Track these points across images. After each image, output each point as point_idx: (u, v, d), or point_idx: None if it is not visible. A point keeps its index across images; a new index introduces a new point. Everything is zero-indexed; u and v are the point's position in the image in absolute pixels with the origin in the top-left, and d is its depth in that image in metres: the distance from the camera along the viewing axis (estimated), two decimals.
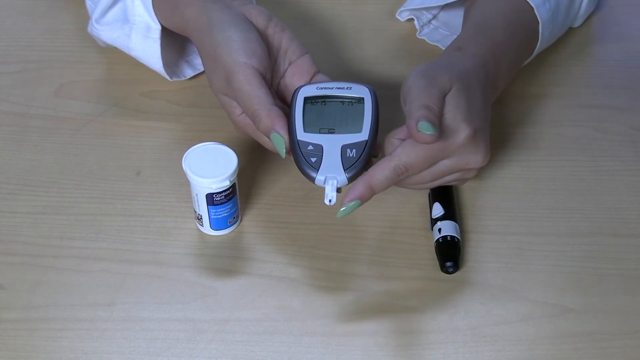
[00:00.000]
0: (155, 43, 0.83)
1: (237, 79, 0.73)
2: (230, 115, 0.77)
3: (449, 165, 0.72)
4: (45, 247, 0.75)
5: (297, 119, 0.72)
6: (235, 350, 0.68)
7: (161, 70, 0.85)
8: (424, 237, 0.76)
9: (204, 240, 0.76)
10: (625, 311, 0.71)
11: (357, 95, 0.73)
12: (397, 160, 0.70)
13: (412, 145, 0.70)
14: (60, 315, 0.70)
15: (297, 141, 0.71)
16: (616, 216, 0.78)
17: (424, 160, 0.70)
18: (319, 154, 0.70)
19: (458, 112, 0.71)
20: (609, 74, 0.92)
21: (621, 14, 0.99)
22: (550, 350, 0.69)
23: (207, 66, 0.78)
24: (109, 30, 0.85)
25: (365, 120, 0.72)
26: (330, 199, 0.69)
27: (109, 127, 0.85)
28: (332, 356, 0.68)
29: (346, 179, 0.69)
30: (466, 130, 0.70)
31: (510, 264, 0.74)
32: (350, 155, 0.70)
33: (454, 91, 0.71)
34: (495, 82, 0.78)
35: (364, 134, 0.71)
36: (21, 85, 0.89)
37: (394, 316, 0.70)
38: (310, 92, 0.74)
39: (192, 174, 0.72)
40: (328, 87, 0.74)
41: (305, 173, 0.70)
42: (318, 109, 0.73)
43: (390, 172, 0.70)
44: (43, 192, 0.79)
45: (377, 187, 0.70)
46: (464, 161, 0.72)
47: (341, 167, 0.70)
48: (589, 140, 0.85)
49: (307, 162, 0.70)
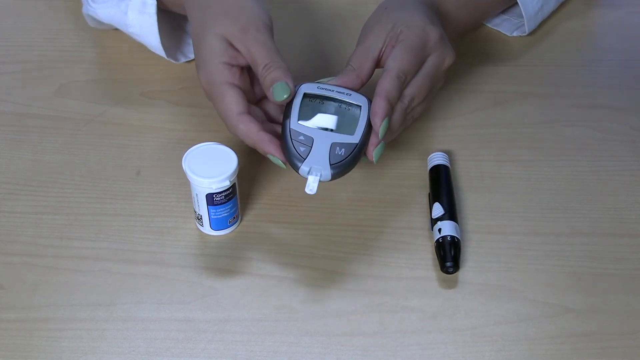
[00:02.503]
0: (151, 18, 0.84)
1: (260, 29, 0.76)
2: (225, 110, 0.75)
3: (433, 64, 0.77)
4: (45, 247, 0.75)
5: (293, 109, 0.73)
6: (235, 350, 0.68)
7: (159, 46, 0.86)
8: (424, 237, 0.76)
9: (204, 240, 0.76)
10: (625, 311, 0.71)
11: (355, 102, 0.74)
12: (394, 69, 0.74)
13: (398, 53, 0.75)
14: (60, 315, 0.70)
15: (289, 129, 0.72)
16: (616, 216, 0.78)
17: (414, 60, 0.76)
18: (308, 146, 0.71)
19: (424, 20, 0.78)
20: (609, 74, 0.92)
21: (621, 14, 0.99)
22: (550, 350, 0.69)
23: (205, 33, 0.77)
24: (105, 8, 0.86)
25: (359, 126, 0.73)
26: (312, 188, 0.70)
27: (109, 127, 0.85)
28: (332, 356, 0.68)
29: (330, 175, 0.71)
30: (435, 30, 0.78)
31: (510, 264, 0.74)
32: (338, 153, 0.71)
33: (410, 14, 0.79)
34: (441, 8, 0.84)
35: (356, 137, 0.72)
36: (21, 85, 0.89)
37: (394, 316, 0.70)
38: (311, 89, 0.75)
39: (192, 174, 0.72)
40: (329, 89, 0.75)
41: (291, 161, 0.71)
42: (315, 105, 0.74)
43: (394, 80, 0.74)
44: (43, 192, 0.79)
45: (392, 97, 0.73)
46: (441, 57, 0.78)
47: (328, 162, 0.71)
48: (589, 140, 0.85)
49: (295, 151, 0.71)
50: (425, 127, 0.85)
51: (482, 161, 0.82)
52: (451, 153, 0.83)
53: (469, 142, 0.84)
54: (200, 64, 0.77)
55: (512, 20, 0.96)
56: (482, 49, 0.94)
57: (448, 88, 0.88)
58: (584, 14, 0.99)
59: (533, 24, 0.93)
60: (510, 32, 0.95)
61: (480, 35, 0.96)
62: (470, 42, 0.95)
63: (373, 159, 0.73)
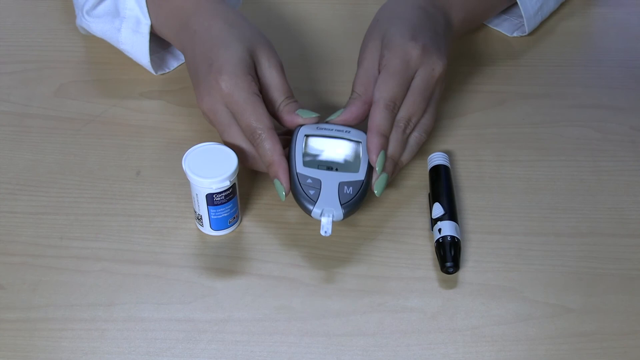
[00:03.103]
0: (144, 38, 0.84)
1: (272, 56, 0.77)
2: (257, 121, 0.74)
3: (422, 78, 0.77)
4: (45, 247, 0.75)
5: (297, 153, 0.74)
6: (235, 350, 0.68)
7: (148, 65, 0.87)
8: (424, 237, 0.76)
9: (204, 240, 0.76)
10: (625, 311, 0.71)
11: (355, 139, 0.76)
12: (380, 100, 0.74)
13: (382, 81, 0.75)
14: (60, 315, 0.70)
15: (296, 173, 0.73)
16: (616, 216, 0.78)
17: (400, 84, 0.75)
18: (317, 188, 0.73)
19: (404, 36, 0.77)
20: (609, 74, 0.92)
21: (621, 14, 0.99)
22: (550, 350, 0.69)
23: (212, 48, 0.77)
24: (99, 23, 0.86)
25: (362, 162, 0.75)
26: (326, 230, 0.71)
27: (109, 127, 0.85)
28: (332, 356, 0.68)
29: (342, 214, 0.72)
30: (416, 46, 0.76)
31: (510, 264, 0.74)
32: (347, 192, 0.73)
33: (393, 31, 0.78)
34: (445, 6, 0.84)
35: (361, 174, 0.74)
36: (21, 85, 0.89)
37: (394, 316, 0.70)
38: (311, 131, 0.76)
39: (192, 174, 0.72)
40: (328, 129, 0.76)
41: (302, 205, 0.73)
42: (318, 146, 0.75)
43: (383, 111, 0.74)
44: (43, 192, 0.79)
45: (383, 129, 0.74)
46: (429, 70, 0.77)
47: (338, 202, 0.72)
48: (589, 140, 0.85)
49: (305, 194, 0.72)
50: None
51: (482, 161, 0.82)
52: (451, 153, 0.83)
53: (469, 142, 0.84)
54: (216, 78, 0.75)
55: (512, 20, 0.96)
56: (482, 49, 0.94)
57: (448, 88, 0.88)
58: (584, 14, 1.00)
59: (533, 24, 0.93)
60: (511, 33, 0.95)
61: (480, 35, 0.96)
62: (470, 42, 0.95)
63: (374, 189, 0.74)
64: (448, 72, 0.79)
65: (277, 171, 0.73)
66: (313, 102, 0.87)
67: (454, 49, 0.91)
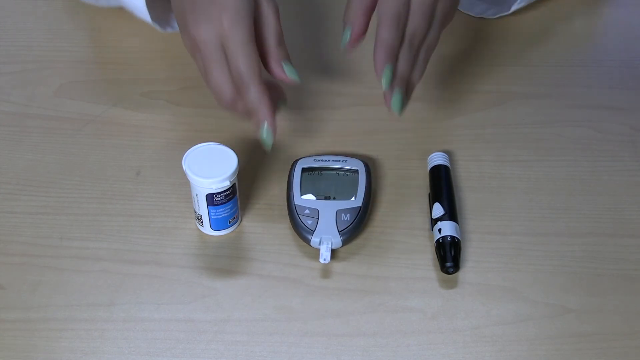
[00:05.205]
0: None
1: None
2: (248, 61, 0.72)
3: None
4: (45, 247, 0.75)
5: (294, 186, 0.76)
6: (235, 350, 0.68)
7: (144, 10, 0.84)
8: (424, 237, 0.76)
9: (204, 240, 0.76)
10: (625, 311, 0.71)
11: (351, 167, 0.77)
12: (385, 16, 0.72)
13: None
14: (59, 315, 0.70)
15: (294, 205, 0.75)
16: (616, 216, 0.78)
17: (402, 1, 0.72)
18: (315, 218, 0.74)
19: None
20: (609, 74, 0.92)
21: (621, 14, 0.99)
22: (550, 350, 0.69)
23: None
24: None
25: (359, 189, 0.76)
26: (325, 257, 0.72)
27: (109, 127, 0.85)
28: (332, 356, 0.68)
29: (340, 241, 0.73)
30: None
31: (510, 264, 0.74)
32: (344, 219, 0.74)
33: None
34: None
35: (358, 200, 0.75)
36: (21, 85, 0.89)
37: (394, 316, 0.70)
38: (308, 163, 0.78)
39: (192, 174, 0.72)
40: (324, 160, 0.78)
41: (301, 235, 0.74)
42: (315, 178, 0.77)
43: (389, 26, 0.72)
44: (43, 192, 0.79)
45: (389, 44, 0.72)
46: None
47: (336, 230, 0.73)
48: (589, 140, 0.85)
49: (304, 225, 0.74)
50: (425, 127, 0.85)
51: (482, 161, 0.82)
52: (451, 153, 0.83)
53: (469, 142, 0.84)
54: (219, 12, 0.71)
55: None
56: (482, 49, 0.94)
57: (448, 88, 0.88)
58: (584, 14, 0.99)
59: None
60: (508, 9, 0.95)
61: (480, 35, 0.96)
62: (470, 42, 0.95)
63: (392, 109, 0.72)
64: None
65: (266, 113, 0.72)
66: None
67: (454, 49, 0.91)
